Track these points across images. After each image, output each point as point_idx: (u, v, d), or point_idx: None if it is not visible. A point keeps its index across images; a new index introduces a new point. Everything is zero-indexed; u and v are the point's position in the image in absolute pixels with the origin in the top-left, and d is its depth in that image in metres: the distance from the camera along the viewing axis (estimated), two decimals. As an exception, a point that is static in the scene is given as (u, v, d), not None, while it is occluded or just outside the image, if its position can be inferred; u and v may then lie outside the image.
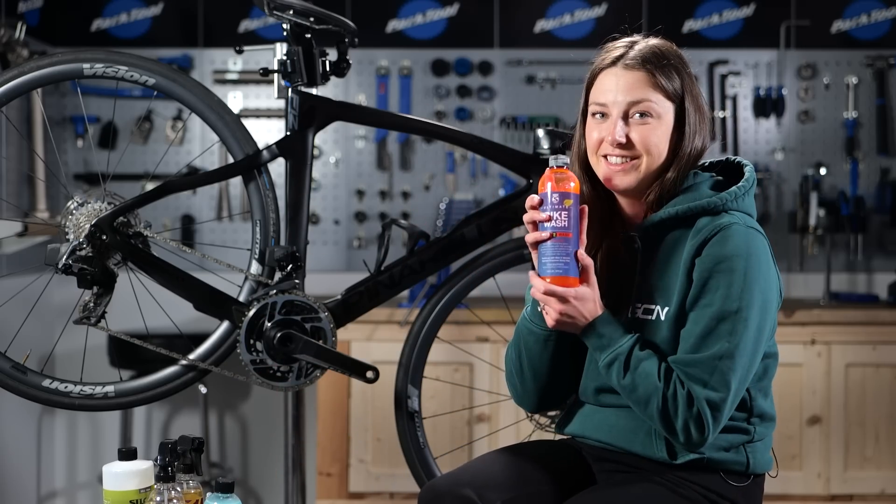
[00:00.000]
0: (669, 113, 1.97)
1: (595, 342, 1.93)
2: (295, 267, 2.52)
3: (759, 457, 1.99)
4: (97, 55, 2.49)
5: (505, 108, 4.64)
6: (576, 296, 1.90)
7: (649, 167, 1.96)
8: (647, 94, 1.95)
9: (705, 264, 1.90)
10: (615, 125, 1.95)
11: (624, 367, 1.90)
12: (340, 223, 4.67)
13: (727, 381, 1.86)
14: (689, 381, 1.86)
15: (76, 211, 2.46)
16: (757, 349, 1.90)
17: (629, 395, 1.91)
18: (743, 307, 1.87)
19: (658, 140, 1.96)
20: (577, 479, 2.06)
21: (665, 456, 1.95)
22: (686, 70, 1.99)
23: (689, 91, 1.98)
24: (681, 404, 1.86)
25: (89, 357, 2.73)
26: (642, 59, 1.96)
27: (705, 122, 2.00)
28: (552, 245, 1.90)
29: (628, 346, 1.91)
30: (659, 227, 1.97)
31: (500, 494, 1.95)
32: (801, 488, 4.03)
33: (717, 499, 1.96)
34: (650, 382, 1.88)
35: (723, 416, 1.87)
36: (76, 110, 4.59)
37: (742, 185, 1.98)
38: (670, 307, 1.94)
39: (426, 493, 2.00)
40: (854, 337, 4.08)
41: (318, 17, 2.55)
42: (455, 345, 3.44)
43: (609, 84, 1.97)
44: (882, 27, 4.62)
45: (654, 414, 1.88)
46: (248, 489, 4.64)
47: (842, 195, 4.50)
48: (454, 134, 2.73)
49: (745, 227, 1.91)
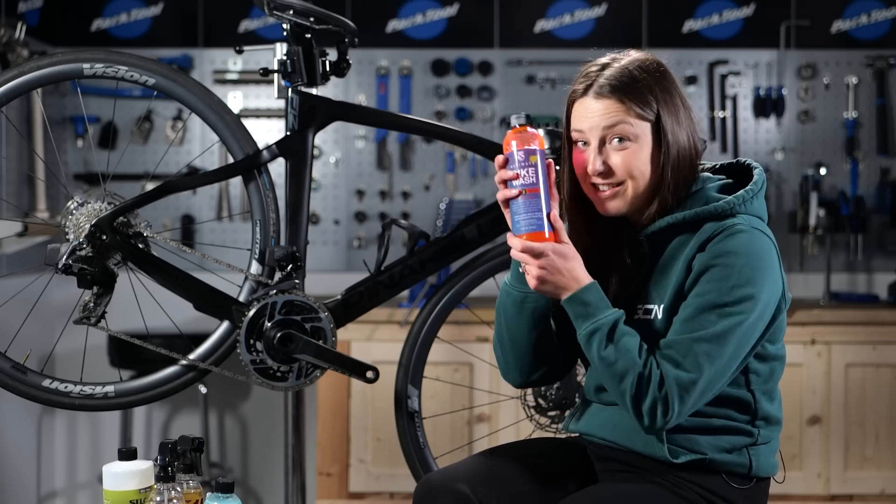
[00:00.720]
0: (647, 132, 1.94)
1: (578, 310, 1.90)
2: (295, 267, 2.52)
3: (763, 460, 1.98)
4: (97, 55, 2.49)
5: (505, 108, 4.64)
6: (554, 250, 1.88)
7: (636, 190, 1.96)
8: (619, 119, 1.93)
9: (705, 258, 1.90)
10: (593, 154, 1.95)
11: (606, 339, 1.87)
12: (340, 223, 4.67)
13: (699, 365, 1.84)
14: (663, 361, 1.85)
15: (76, 211, 2.46)
16: (742, 345, 1.88)
17: (606, 368, 1.88)
18: (732, 302, 1.85)
19: (639, 162, 1.94)
20: (578, 477, 2.06)
21: (666, 455, 1.95)
22: (661, 83, 1.96)
23: (665, 104, 1.94)
24: (653, 384, 1.84)
25: (89, 357, 2.73)
26: (611, 86, 1.94)
27: (684, 123, 1.97)
28: (523, 202, 1.90)
29: (613, 319, 1.89)
30: (665, 232, 1.97)
31: (494, 490, 1.96)
32: (801, 488, 4.03)
33: (717, 501, 1.95)
34: (630, 357, 1.86)
35: (690, 398, 1.84)
36: (76, 110, 4.59)
37: (750, 188, 1.96)
38: (665, 303, 1.94)
39: (421, 488, 2.00)
40: (854, 337, 4.08)
41: (318, 17, 2.55)
42: (455, 345, 3.44)
43: (583, 113, 1.97)
44: (882, 27, 4.62)
45: (626, 390, 1.86)
46: (248, 489, 4.64)
47: (842, 195, 4.50)
48: (454, 134, 2.73)
49: (750, 227, 1.91)
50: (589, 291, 1.90)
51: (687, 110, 1.99)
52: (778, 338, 1.98)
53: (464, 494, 1.93)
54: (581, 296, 1.90)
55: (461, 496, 1.93)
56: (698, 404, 1.88)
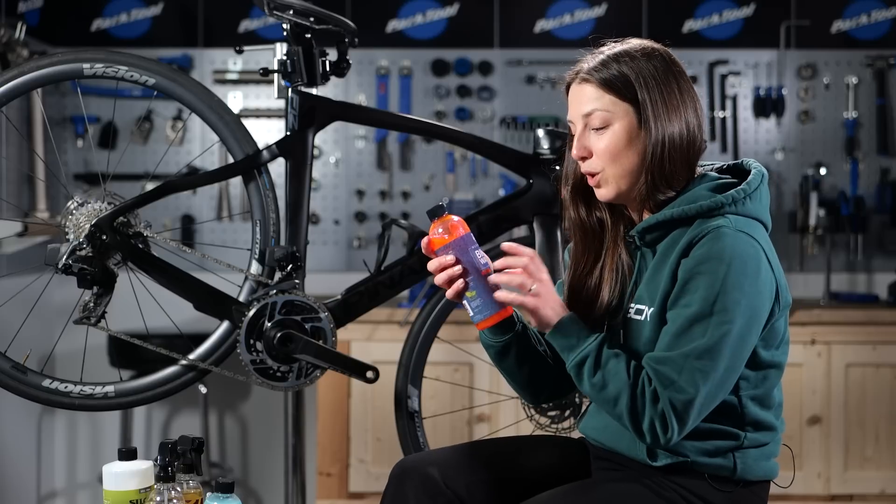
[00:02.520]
0: (629, 115, 1.92)
1: (562, 342, 1.90)
2: (295, 267, 2.52)
3: (752, 463, 1.94)
4: (97, 55, 2.49)
5: (505, 108, 4.64)
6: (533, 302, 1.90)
7: (617, 175, 1.93)
8: (595, 105, 1.92)
9: (688, 265, 1.86)
10: (576, 140, 1.96)
11: (594, 365, 1.87)
12: (340, 223, 4.67)
13: (695, 382, 1.81)
14: (657, 379, 1.83)
15: (76, 211, 2.46)
16: (737, 355, 1.85)
17: (598, 394, 1.87)
18: (719, 311, 1.82)
19: (615, 146, 1.92)
20: (570, 475, 2.06)
21: (645, 457, 1.94)
22: (653, 67, 1.92)
23: (646, 85, 1.90)
24: (648, 401, 1.83)
25: (89, 357, 2.73)
26: (589, 70, 1.94)
27: (680, 112, 1.93)
28: (475, 289, 1.90)
29: (597, 345, 1.88)
30: (657, 229, 1.94)
31: (464, 477, 1.97)
32: (801, 488, 4.03)
33: (698, 502, 1.93)
34: (619, 379, 1.85)
35: (689, 417, 1.83)
36: (76, 110, 4.59)
37: (743, 188, 1.92)
38: (654, 307, 1.92)
39: (395, 470, 2.02)
40: (854, 337, 4.08)
41: (318, 17, 2.55)
42: (455, 345, 3.44)
43: (570, 99, 1.98)
44: (882, 27, 4.62)
45: (622, 412, 1.85)
46: (248, 489, 4.64)
47: (842, 195, 4.50)
48: (454, 134, 2.73)
49: (735, 230, 1.86)
50: (567, 323, 1.90)
51: (687, 101, 1.95)
52: (772, 343, 1.93)
53: (432, 477, 1.96)
54: (561, 328, 1.90)
55: (430, 480, 1.96)
56: (700, 418, 1.86)
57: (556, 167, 2.59)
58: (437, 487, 1.96)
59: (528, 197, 2.65)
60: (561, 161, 2.07)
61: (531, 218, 2.64)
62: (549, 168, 2.61)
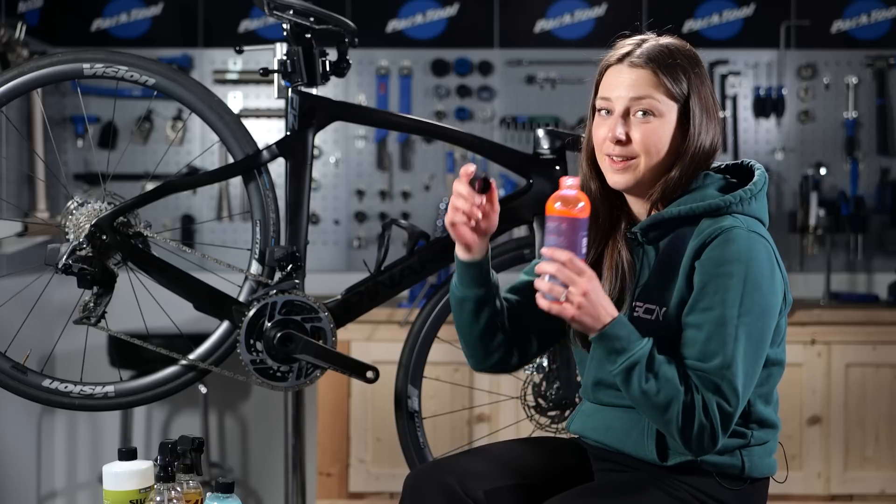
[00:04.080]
0: (673, 112, 1.94)
1: (609, 345, 1.85)
2: (295, 267, 2.52)
3: (758, 461, 1.97)
4: (97, 55, 2.49)
5: (505, 108, 4.64)
6: (592, 277, 1.84)
7: (647, 166, 1.94)
8: (649, 93, 1.93)
9: (705, 267, 1.88)
10: (616, 122, 1.95)
11: (647, 371, 1.84)
12: (340, 223, 4.67)
13: (736, 390, 1.83)
14: (704, 389, 1.83)
15: (76, 211, 2.46)
16: (758, 355, 1.88)
17: (649, 400, 1.84)
18: (743, 313, 1.84)
19: (658, 140, 1.93)
20: (573, 476, 2.06)
21: (655, 457, 1.95)
22: (695, 69, 1.97)
23: (697, 91, 1.95)
24: (698, 410, 1.83)
25: (89, 357, 2.73)
26: (647, 57, 1.95)
27: (713, 122, 1.97)
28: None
29: (648, 349, 1.85)
30: (662, 227, 1.95)
31: (482, 485, 1.96)
32: (801, 488, 4.03)
33: (709, 501, 1.94)
34: (672, 386, 1.83)
35: (732, 424, 1.85)
36: (76, 110, 4.59)
37: (749, 188, 1.95)
38: (668, 308, 1.92)
39: (410, 479, 2.02)
40: (854, 337, 4.08)
41: (318, 17, 2.55)
42: (455, 345, 3.43)
43: (614, 81, 1.96)
44: (882, 27, 4.62)
45: (672, 420, 1.83)
46: (248, 489, 4.64)
47: (842, 195, 4.50)
48: (454, 134, 2.73)
49: (747, 230, 1.89)
50: (618, 325, 1.85)
51: (716, 109, 1.99)
52: (776, 340, 1.96)
53: (451, 487, 1.94)
54: (613, 330, 1.85)
55: (448, 489, 1.94)
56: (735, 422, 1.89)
57: (557, 167, 2.59)
58: (457, 496, 1.94)
59: (528, 197, 2.64)
60: (561, 161, 2.08)
61: (531, 218, 2.64)
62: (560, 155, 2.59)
